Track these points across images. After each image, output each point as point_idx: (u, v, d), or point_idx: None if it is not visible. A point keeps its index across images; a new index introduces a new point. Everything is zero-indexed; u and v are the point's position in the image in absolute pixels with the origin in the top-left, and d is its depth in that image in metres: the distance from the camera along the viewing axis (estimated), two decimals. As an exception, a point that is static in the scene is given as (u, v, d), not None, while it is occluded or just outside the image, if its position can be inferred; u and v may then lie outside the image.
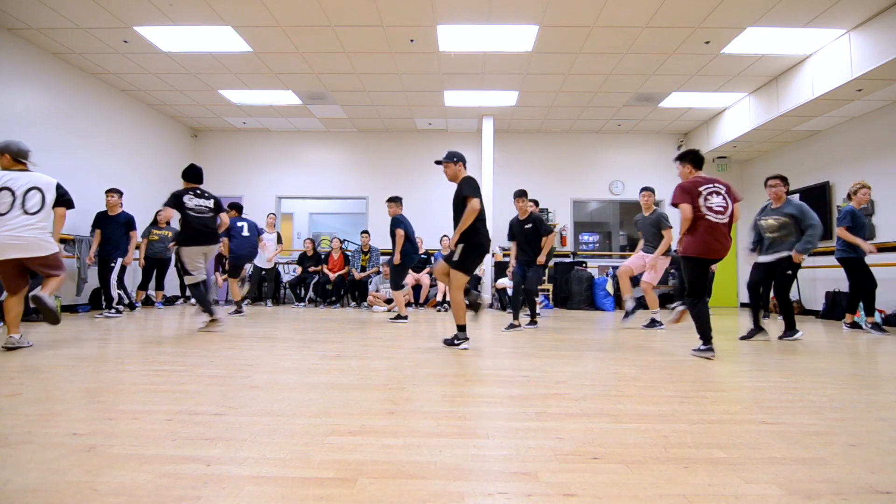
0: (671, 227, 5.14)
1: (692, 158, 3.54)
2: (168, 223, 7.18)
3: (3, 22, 5.45)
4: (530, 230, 5.04)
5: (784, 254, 4.30)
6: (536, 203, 5.46)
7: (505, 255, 8.96)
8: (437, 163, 3.82)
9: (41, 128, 6.06)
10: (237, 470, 1.33)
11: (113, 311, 5.70)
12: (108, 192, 6.00)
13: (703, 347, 3.30)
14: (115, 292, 5.83)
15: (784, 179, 4.55)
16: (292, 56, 6.28)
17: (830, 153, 7.31)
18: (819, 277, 7.31)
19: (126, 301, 6.32)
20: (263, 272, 7.86)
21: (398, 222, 5.71)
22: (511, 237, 5.28)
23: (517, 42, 5.86)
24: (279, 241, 7.92)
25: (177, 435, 1.59)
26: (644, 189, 5.48)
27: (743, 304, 9.28)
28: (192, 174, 4.63)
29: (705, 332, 3.31)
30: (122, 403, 1.97)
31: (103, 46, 6.02)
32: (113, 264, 5.81)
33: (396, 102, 7.94)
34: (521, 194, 5.11)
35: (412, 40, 5.85)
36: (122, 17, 5.35)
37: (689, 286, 3.40)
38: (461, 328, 3.63)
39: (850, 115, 6.73)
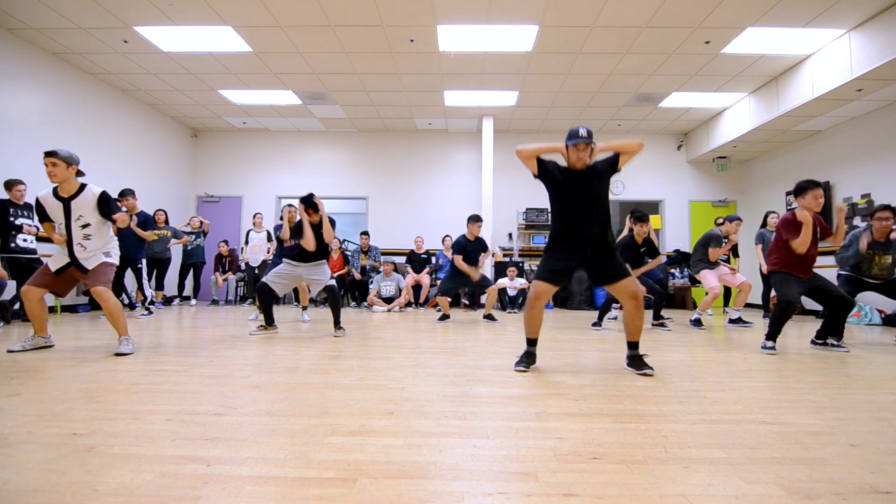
0: None
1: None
2: (166, 222, 7.18)
3: (3, 22, 5.45)
4: (644, 252, 5.22)
5: None
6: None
7: (506, 255, 8.97)
8: (587, 140, 2.73)
9: (41, 128, 6.07)
10: (237, 470, 1.33)
11: (146, 311, 5.83)
12: (125, 194, 5.99)
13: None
14: (148, 292, 6.00)
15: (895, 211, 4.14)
16: (292, 56, 6.28)
17: (830, 153, 7.31)
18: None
19: (126, 301, 6.33)
20: (256, 270, 7.87)
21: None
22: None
23: (517, 42, 5.86)
24: (269, 239, 7.91)
25: (177, 435, 1.59)
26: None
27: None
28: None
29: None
30: (122, 403, 1.97)
31: (103, 46, 6.02)
32: (140, 265, 5.99)
33: (396, 102, 7.94)
34: (643, 218, 5.15)
35: (412, 40, 5.85)
36: (122, 17, 5.35)
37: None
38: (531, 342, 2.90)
39: (850, 115, 6.73)
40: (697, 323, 5.35)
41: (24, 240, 5.10)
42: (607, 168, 2.81)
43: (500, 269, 8.18)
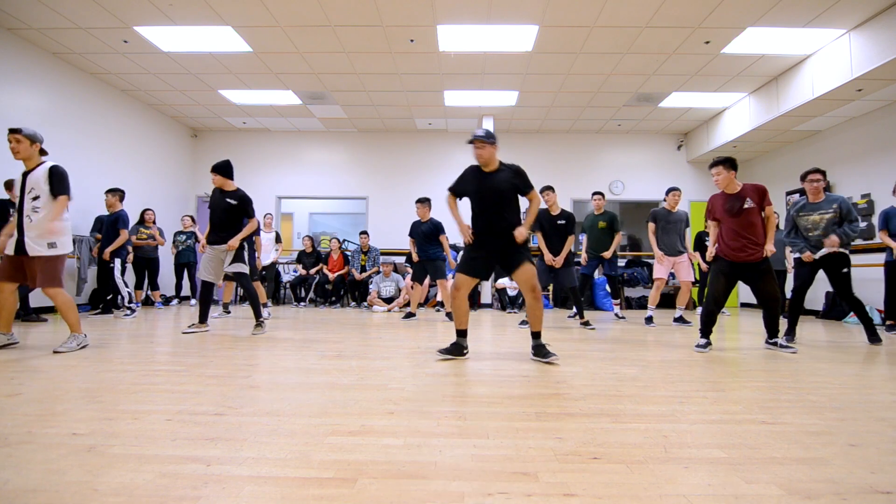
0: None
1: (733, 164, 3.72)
2: (154, 222, 7.14)
3: (3, 22, 5.45)
4: (562, 226, 5.28)
5: (832, 250, 4.05)
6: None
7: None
8: (471, 142, 3.11)
9: (41, 128, 6.01)
10: (237, 470, 1.33)
11: (128, 310, 5.73)
12: (108, 192, 6.01)
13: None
14: (124, 291, 5.87)
15: (824, 173, 4.25)
16: (292, 56, 6.28)
17: (830, 153, 7.31)
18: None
19: (128, 301, 6.32)
20: (263, 272, 7.87)
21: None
22: (539, 228, 5.38)
23: (517, 42, 5.86)
24: (278, 240, 7.91)
25: (177, 435, 1.59)
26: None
27: (748, 305, 9.28)
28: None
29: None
30: (122, 403, 1.97)
31: (103, 46, 6.02)
32: (112, 264, 5.82)
33: (396, 102, 7.94)
34: (548, 188, 5.37)
35: (412, 40, 5.85)
36: (122, 17, 5.35)
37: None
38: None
39: (850, 115, 6.73)
40: (680, 320, 5.41)
41: (24, 240, 5.09)
42: (513, 177, 3.12)
43: (499, 270, 8.17)
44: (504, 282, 7.71)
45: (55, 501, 1.14)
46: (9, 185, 5.08)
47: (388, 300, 7.48)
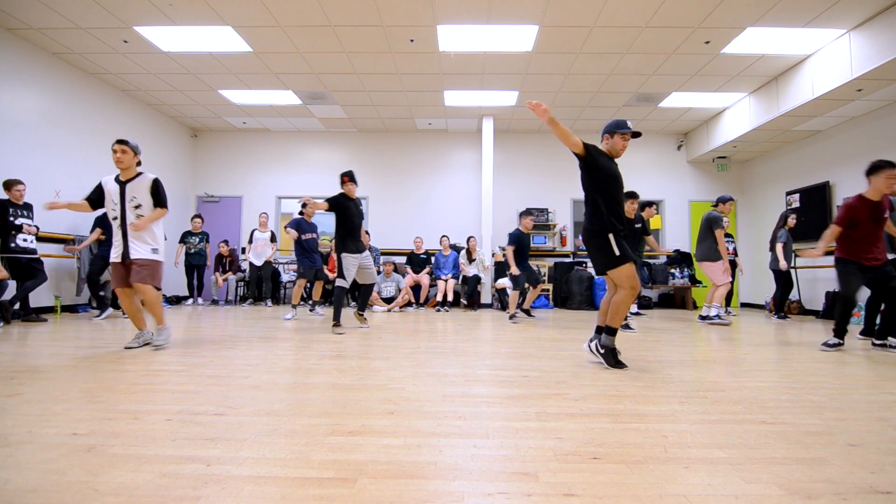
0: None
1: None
2: None
3: (3, 22, 5.45)
4: (639, 230, 5.42)
5: None
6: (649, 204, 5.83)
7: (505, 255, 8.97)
8: (624, 134, 3.01)
9: (41, 128, 6.07)
10: (237, 470, 1.33)
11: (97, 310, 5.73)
12: None
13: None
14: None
15: None
16: (292, 56, 6.28)
17: (830, 153, 7.31)
18: (819, 277, 7.31)
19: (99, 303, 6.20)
20: (259, 271, 7.90)
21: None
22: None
23: (517, 42, 5.86)
24: (273, 239, 7.94)
25: (177, 435, 1.59)
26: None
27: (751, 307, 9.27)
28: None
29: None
30: (122, 403, 1.97)
31: (103, 46, 6.02)
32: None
33: (396, 102, 7.94)
34: (631, 195, 5.34)
35: (412, 40, 5.85)
36: (122, 17, 5.35)
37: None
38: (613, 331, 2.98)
39: (850, 115, 6.73)
40: (718, 317, 5.35)
41: (24, 240, 5.09)
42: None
43: (501, 270, 8.18)
44: (504, 282, 7.70)
45: (55, 501, 1.14)
46: (8, 184, 5.08)
47: (389, 300, 7.48)
